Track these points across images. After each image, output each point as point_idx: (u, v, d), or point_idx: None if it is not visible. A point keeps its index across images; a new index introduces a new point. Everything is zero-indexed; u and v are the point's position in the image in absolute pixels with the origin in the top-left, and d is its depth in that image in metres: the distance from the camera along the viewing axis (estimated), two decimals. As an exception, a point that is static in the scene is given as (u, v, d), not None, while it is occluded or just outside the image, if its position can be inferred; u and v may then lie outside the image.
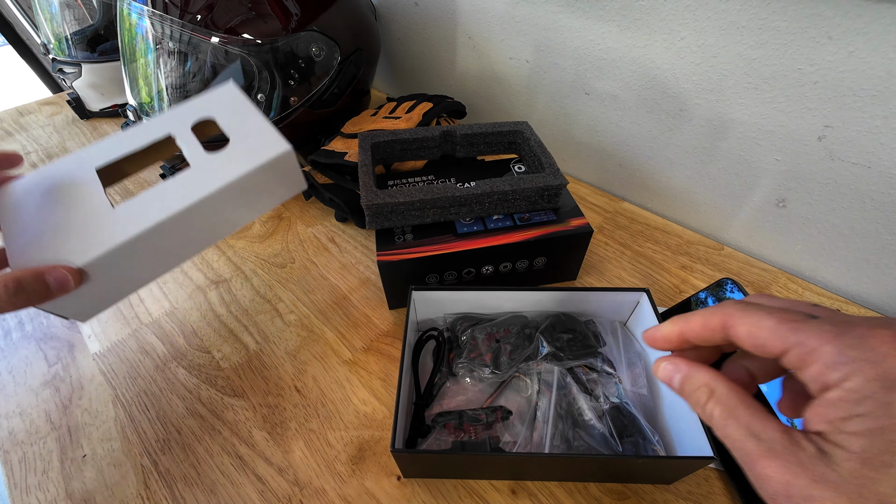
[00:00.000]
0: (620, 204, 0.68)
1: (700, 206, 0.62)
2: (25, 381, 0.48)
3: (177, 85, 0.61)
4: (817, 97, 0.45)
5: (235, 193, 0.38)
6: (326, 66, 0.66)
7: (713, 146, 0.56)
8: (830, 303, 0.53)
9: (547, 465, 0.37)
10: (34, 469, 0.42)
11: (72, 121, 0.91)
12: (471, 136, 0.57)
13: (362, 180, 0.49)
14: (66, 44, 0.83)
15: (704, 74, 0.52)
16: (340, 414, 0.44)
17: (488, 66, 0.75)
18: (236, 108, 0.42)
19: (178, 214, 0.36)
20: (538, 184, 0.49)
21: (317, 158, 0.61)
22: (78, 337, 0.52)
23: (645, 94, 0.58)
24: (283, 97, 0.63)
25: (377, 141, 0.55)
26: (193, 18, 0.56)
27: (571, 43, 0.62)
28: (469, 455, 0.37)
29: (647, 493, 0.38)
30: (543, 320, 0.45)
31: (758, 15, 0.45)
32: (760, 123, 0.50)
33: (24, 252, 0.34)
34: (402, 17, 0.82)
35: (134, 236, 0.34)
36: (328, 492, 0.39)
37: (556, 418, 0.39)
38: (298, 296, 0.56)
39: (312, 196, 0.67)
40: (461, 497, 0.39)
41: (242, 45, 0.58)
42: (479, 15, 0.70)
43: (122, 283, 0.38)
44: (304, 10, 0.61)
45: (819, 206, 0.51)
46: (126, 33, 0.61)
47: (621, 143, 0.65)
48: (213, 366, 0.49)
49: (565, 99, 0.68)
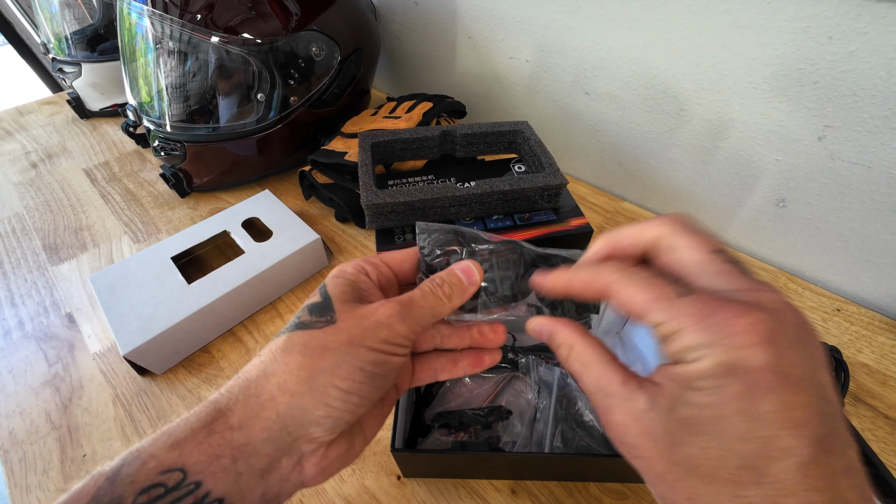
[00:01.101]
0: (620, 204, 0.68)
1: (700, 206, 0.62)
2: (26, 381, 0.48)
3: (177, 84, 0.61)
4: (817, 97, 0.45)
5: (278, 271, 0.53)
6: (326, 66, 0.66)
7: (713, 146, 0.56)
8: (830, 303, 0.53)
9: (547, 465, 0.37)
10: (34, 469, 0.42)
11: (72, 120, 0.91)
12: (471, 135, 0.57)
13: (362, 180, 0.49)
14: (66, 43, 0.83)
15: (704, 74, 0.52)
16: (340, 414, 0.44)
17: (488, 65, 0.75)
18: (274, 209, 0.59)
19: (238, 288, 0.49)
20: (538, 184, 0.49)
21: (317, 158, 0.61)
22: (78, 337, 0.52)
23: (645, 93, 0.58)
24: (283, 97, 0.63)
25: (377, 141, 0.55)
26: (193, 18, 0.55)
27: (571, 43, 0.62)
28: (469, 455, 0.37)
29: (647, 492, 0.38)
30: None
31: (758, 15, 0.45)
32: (760, 123, 0.50)
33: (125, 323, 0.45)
34: (402, 16, 0.82)
35: (207, 305, 0.47)
36: (328, 491, 0.39)
37: (556, 419, 0.39)
38: (299, 295, 0.56)
39: (312, 196, 0.67)
40: (461, 497, 0.39)
41: (242, 45, 0.58)
42: (479, 14, 0.70)
43: (194, 340, 0.49)
44: (304, 10, 0.61)
45: (819, 206, 0.51)
46: (126, 33, 0.61)
47: (621, 143, 0.65)
48: (213, 366, 0.49)
49: (565, 99, 0.68)
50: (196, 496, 0.18)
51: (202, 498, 0.18)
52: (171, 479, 0.18)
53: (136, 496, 0.17)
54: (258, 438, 0.20)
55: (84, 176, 0.76)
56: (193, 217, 0.67)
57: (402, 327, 0.22)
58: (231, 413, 0.20)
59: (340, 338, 0.21)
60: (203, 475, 0.18)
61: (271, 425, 0.20)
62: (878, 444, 0.41)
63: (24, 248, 0.63)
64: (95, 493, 0.17)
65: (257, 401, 0.20)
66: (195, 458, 0.19)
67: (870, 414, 0.43)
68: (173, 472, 0.18)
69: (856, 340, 0.49)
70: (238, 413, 0.20)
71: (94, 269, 0.59)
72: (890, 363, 0.47)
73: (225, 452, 0.19)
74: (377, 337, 0.21)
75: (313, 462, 0.21)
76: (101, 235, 0.65)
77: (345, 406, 0.21)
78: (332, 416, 0.21)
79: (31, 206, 0.70)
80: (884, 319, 0.51)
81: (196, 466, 0.18)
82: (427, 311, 0.23)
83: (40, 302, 0.56)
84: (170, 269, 0.51)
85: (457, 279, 0.24)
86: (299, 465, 0.21)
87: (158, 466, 0.18)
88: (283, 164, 0.72)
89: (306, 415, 0.20)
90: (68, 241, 0.64)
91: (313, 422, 0.20)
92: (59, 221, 0.67)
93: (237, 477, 0.19)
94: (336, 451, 0.22)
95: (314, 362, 0.20)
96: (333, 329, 0.21)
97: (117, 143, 0.84)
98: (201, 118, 0.64)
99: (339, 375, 0.20)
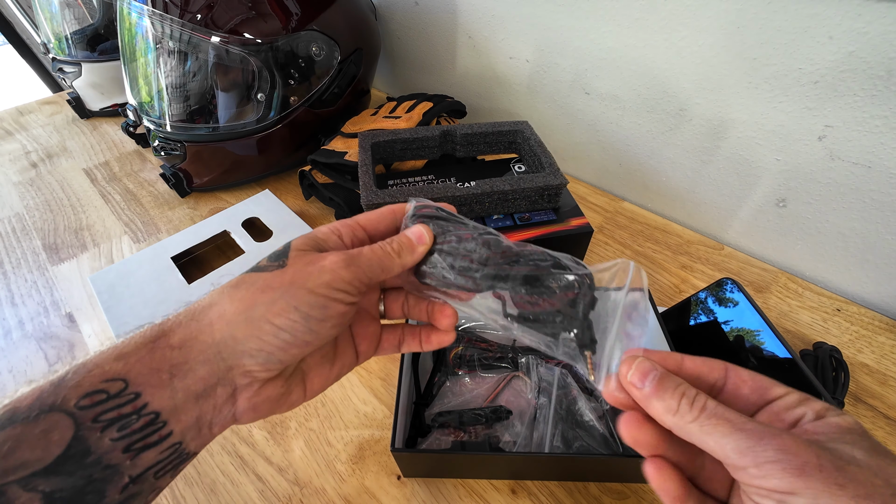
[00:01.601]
0: (620, 204, 0.68)
1: (700, 206, 0.62)
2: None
3: (177, 84, 0.61)
4: (818, 97, 0.45)
5: None
6: (326, 66, 0.66)
7: (713, 146, 0.56)
8: (831, 303, 0.53)
9: (547, 464, 0.37)
10: (34, 468, 0.42)
11: (72, 120, 0.91)
12: (471, 135, 0.56)
13: (362, 180, 0.49)
14: (67, 43, 0.83)
15: (704, 74, 0.52)
16: (340, 413, 0.44)
17: (488, 65, 0.75)
18: (274, 209, 0.59)
19: None
20: (538, 183, 0.49)
21: (317, 158, 0.61)
22: (78, 336, 0.52)
23: (645, 93, 0.58)
24: (283, 96, 0.63)
25: (377, 140, 0.55)
26: (193, 18, 0.55)
27: (571, 43, 0.62)
28: (469, 455, 0.37)
29: (647, 492, 0.38)
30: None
31: (758, 15, 0.45)
32: (761, 123, 0.50)
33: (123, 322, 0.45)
34: (402, 16, 0.82)
35: None
36: (328, 491, 0.39)
37: (556, 418, 0.39)
38: (298, 295, 0.56)
39: (312, 196, 0.67)
40: (461, 497, 0.39)
41: (242, 45, 0.58)
42: (479, 14, 0.70)
43: None
44: (305, 10, 0.61)
45: (819, 205, 0.51)
46: (126, 33, 0.61)
47: (621, 143, 0.65)
48: (213, 365, 0.49)
49: (565, 98, 0.68)
50: (135, 405, 0.19)
51: (140, 408, 0.19)
52: (114, 387, 0.19)
53: (79, 399, 0.18)
54: (195, 359, 0.21)
55: (84, 176, 0.76)
56: (193, 217, 0.67)
57: (345, 272, 0.23)
58: (172, 334, 0.21)
59: (284, 279, 0.22)
60: (143, 387, 0.19)
61: (206, 349, 0.21)
62: (878, 444, 0.41)
63: (24, 248, 0.63)
64: (39, 395, 0.18)
65: (197, 325, 0.21)
66: (137, 370, 0.20)
67: (870, 414, 0.43)
68: (116, 381, 0.19)
69: (856, 340, 0.49)
70: (179, 334, 0.21)
71: (94, 269, 0.59)
72: (890, 363, 0.47)
73: (164, 367, 0.20)
74: (319, 280, 0.22)
75: (246, 397, 0.22)
76: (101, 235, 0.65)
77: (275, 342, 0.21)
78: (264, 349, 0.21)
79: (31, 206, 0.70)
80: (884, 319, 0.51)
81: (137, 378, 0.19)
82: (375, 263, 0.24)
83: (40, 302, 0.56)
84: (170, 269, 0.51)
85: (406, 238, 0.25)
86: (233, 397, 0.22)
87: (102, 374, 0.19)
88: (283, 163, 0.72)
89: (239, 344, 0.21)
90: (68, 241, 0.64)
91: (246, 353, 0.21)
92: (60, 221, 0.67)
93: (173, 393, 0.20)
94: (270, 390, 0.23)
95: (254, 297, 0.22)
96: (281, 272, 0.22)
97: (117, 142, 0.84)
98: (201, 118, 0.64)
99: (273, 311, 0.21)
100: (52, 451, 0.17)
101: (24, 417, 0.17)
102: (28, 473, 0.17)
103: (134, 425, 0.19)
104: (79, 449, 0.18)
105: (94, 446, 0.18)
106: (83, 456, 0.18)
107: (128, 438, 0.19)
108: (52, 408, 0.18)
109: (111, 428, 0.18)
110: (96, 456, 0.18)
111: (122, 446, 0.18)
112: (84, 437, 0.18)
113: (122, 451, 0.18)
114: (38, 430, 0.17)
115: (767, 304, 0.53)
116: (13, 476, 0.17)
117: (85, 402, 0.18)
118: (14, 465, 0.17)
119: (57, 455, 0.17)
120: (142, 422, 0.19)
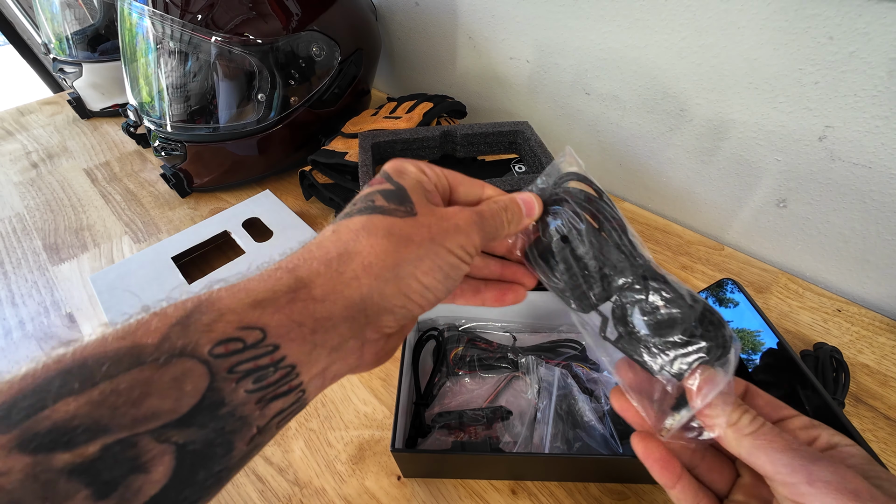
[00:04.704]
0: (620, 204, 0.68)
1: (700, 207, 0.62)
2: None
3: (177, 85, 0.61)
4: (818, 97, 0.45)
5: None
6: (327, 66, 0.66)
7: (713, 146, 0.56)
8: (831, 303, 0.53)
9: (547, 465, 0.37)
10: (35, 468, 0.42)
11: (72, 120, 0.91)
12: (471, 135, 0.57)
13: (363, 180, 0.49)
14: (67, 43, 0.83)
15: (704, 74, 0.52)
16: (340, 413, 0.44)
17: (489, 65, 0.75)
18: (275, 209, 0.60)
19: None
20: (538, 184, 0.49)
21: (317, 158, 0.61)
22: (78, 336, 0.52)
23: (645, 94, 0.58)
24: (283, 97, 0.64)
25: (377, 141, 0.55)
26: (194, 18, 0.56)
27: (572, 43, 0.62)
28: (469, 455, 0.37)
29: (647, 493, 0.38)
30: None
31: (758, 15, 0.45)
32: (761, 123, 0.50)
33: None
34: (403, 16, 0.82)
35: None
36: (328, 491, 0.39)
37: (557, 419, 0.39)
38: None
39: (313, 196, 0.67)
40: (461, 497, 0.39)
41: (243, 45, 0.58)
42: (479, 15, 0.70)
43: None
44: (305, 10, 0.61)
45: (819, 206, 0.51)
46: (127, 33, 0.61)
47: (622, 143, 0.65)
48: (214, 365, 0.49)
49: (566, 99, 0.68)
50: (273, 358, 0.18)
51: (278, 361, 0.18)
52: (251, 337, 0.17)
53: (213, 345, 0.17)
54: (339, 315, 0.19)
55: (85, 176, 0.76)
56: (194, 217, 0.67)
57: (476, 237, 0.22)
58: (313, 285, 0.19)
59: (422, 233, 0.21)
60: (282, 339, 0.18)
61: (352, 305, 0.20)
62: (878, 444, 0.41)
63: (24, 248, 0.63)
64: (166, 335, 0.16)
65: (340, 278, 0.20)
66: (277, 320, 0.18)
67: (870, 414, 0.43)
68: (254, 329, 0.18)
69: (856, 341, 0.49)
70: (321, 286, 0.19)
71: (95, 269, 0.59)
72: (890, 364, 0.47)
73: (306, 322, 0.19)
74: (456, 241, 0.21)
75: (372, 351, 0.21)
76: (101, 235, 0.65)
77: (420, 300, 0.21)
78: (407, 307, 0.21)
79: (31, 206, 0.70)
80: (884, 320, 0.51)
81: (277, 329, 0.18)
82: (493, 230, 0.23)
83: (41, 302, 0.56)
84: (170, 269, 0.51)
85: (517, 207, 0.24)
86: (360, 349, 0.21)
87: (238, 321, 0.17)
88: (283, 164, 0.72)
89: (385, 301, 0.20)
90: (69, 241, 0.64)
91: (389, 310, 0.20)
92: (60, 221, 0.67)
93: (312, 348, 0.19)
94: (391, 343, 0.22)
95: (399, 251, 0.20)
96: (415, 222, 0.21)
97: (118, 143, 0.84)
98: (202, 118, 0.64)
99: (421, 269, 0.20)
100: (185, 401, 0.16)
101: (154, 360, 0.16)
102: (160, 424, 0.15)
103: (270, 378, 0.18)
104: (213, 400, 0.16)
105: (228, 398, 0.17)
106: (217, 408, 0.16)
107: (263, 391, 0.17)
108: (182, 352, 0.16)
109: (247, 379, 0.17)
110: (230, 408, 0.17)
111: (256, 398, 0.17)
112: (219, 389, 0.16)
113: (254, 403, 0.17)
114: (169, 376, 0.16)
115: (768, 305, 0.53)
116: (144, 427, 0.15)
117: (219, 349, 0.17)
118: (146, 415, 0.15)
119: (191, 406, 0.16)
120: (278, 374, 0.18)
